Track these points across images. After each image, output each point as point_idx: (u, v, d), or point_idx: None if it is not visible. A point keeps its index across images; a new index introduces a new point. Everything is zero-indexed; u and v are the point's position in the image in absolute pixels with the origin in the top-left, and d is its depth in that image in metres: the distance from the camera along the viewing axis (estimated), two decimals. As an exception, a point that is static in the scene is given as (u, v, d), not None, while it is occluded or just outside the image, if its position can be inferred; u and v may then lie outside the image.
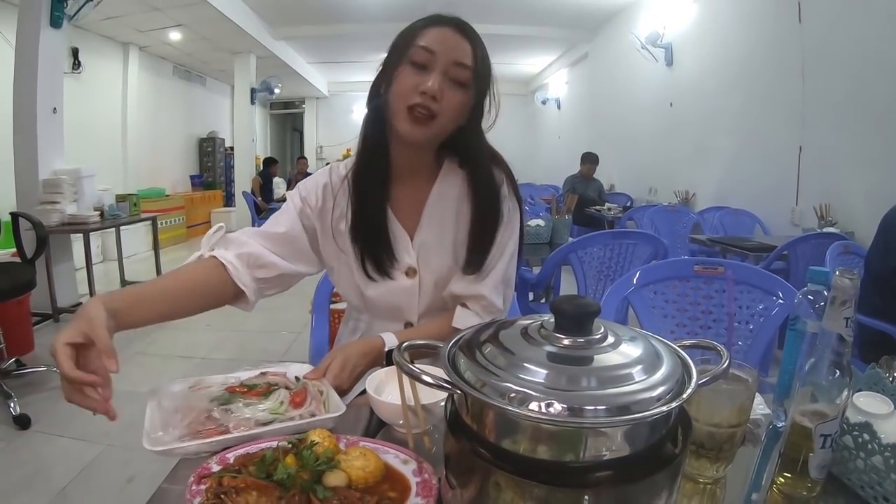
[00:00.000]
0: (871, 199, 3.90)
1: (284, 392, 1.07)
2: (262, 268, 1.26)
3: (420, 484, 0.81)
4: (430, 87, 1.16)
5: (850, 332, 0.80)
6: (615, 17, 8.83)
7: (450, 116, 1.21)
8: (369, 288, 1.34)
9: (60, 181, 4.91)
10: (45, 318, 4.79)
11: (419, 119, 1.19)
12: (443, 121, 1.20)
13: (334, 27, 9.47)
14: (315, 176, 1.41)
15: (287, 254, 1.31)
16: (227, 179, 12.49)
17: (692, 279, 1.83)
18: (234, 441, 0.92)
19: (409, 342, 0.75)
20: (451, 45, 1.18)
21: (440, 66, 1.17)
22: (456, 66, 1.18)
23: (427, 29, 1.20)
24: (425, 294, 1.35)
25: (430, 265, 1.35)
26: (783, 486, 0.86)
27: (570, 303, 0.69)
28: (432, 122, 1.19)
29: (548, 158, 13.20)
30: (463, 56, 1.18)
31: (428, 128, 1.20)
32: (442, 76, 1.17)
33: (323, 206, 1.36)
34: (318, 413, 1.03)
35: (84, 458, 2.63)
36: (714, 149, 6.30)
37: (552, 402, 0.58)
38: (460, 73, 1.18)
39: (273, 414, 1.01)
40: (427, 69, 1.18)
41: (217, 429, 0.97)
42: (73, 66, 7.61)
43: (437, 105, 1.17)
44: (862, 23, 4.12)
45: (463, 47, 1.19)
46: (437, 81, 1.16)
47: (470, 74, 1.19)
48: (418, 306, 1.37)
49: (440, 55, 1.17)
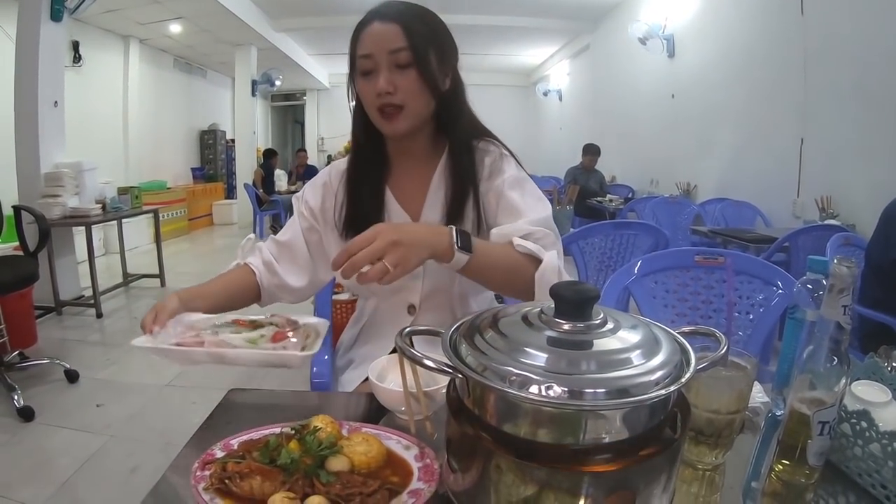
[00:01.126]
0: (872, 191, 3.89)
1: (271, 329, 1.10)
2: (274, 275, 1.38)
3: (422, 469, 0.81)
4: (381, 87, 1.21)
5: (848, 320, 0.80)
6: (617, 9, 8.81)
7: (415, 97, 1.24)
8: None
9: (62, 174, 4.90)
10: (48, 311, 4.81)
11: (390, 115, 1.24)
12: (410, 105, 1.24)
13: (335, 18, 9.43)
14: (316, 176, 1.49)
15: (287, 261, 1.40)
16: (229, 172, 12.50)
17: (693, 269, 1.83)
18: (190, 354, 1.04)
19: (412, 329, 0.76)
20: (381, 39, 1.21)
21: (382, 63, 1.21)
22: (392, 53, 1.20)
23: (360, 34, 1.24)
24: (430, 274, 1.35)
25: None
26: (781, 473, 0.86)
27: (570, 288, 0.69)
28: (402, 111, 1.24)
29: (549, 150, 13.17)
30: (394, 41, 1.20)
31: (401, 119, 1.25)
32: (387, 70, 1.21)
33: (323, 204, 1.42)
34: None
35: (88, 449, 2.64)
36: (715, 141, 6.29)
37: (552, 384, 0.58)
38: (400, 57, 1.21)
39: (248, 343, 1.05)
40: (374, 72, 1.22)
41: (192, 340, 1.06)
42: (74, 59, 7.60)
43: (397, 96, 1.22)
44: (865, 14, 4.10)
45: (391, 32, 1.21)
46: (384, 79, 1.21)
47: (409, 53, 1.21)
48: (422, 287, 1.37)
49: (377, 55, 1.21)
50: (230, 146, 12.46)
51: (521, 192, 1.31)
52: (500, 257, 1.12)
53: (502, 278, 1.14)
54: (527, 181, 1.35)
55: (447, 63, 1.29)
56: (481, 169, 1.35)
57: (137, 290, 5.85)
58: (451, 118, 1.35)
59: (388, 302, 1.43)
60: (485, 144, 1.39)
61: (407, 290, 1.39)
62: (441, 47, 1.27)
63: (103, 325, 4.72)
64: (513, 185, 1.32)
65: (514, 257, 1.13)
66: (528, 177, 1.36)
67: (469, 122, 1.38)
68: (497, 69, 13.39)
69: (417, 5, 1.27)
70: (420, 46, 1.22)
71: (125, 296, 5.67)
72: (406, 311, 1.41)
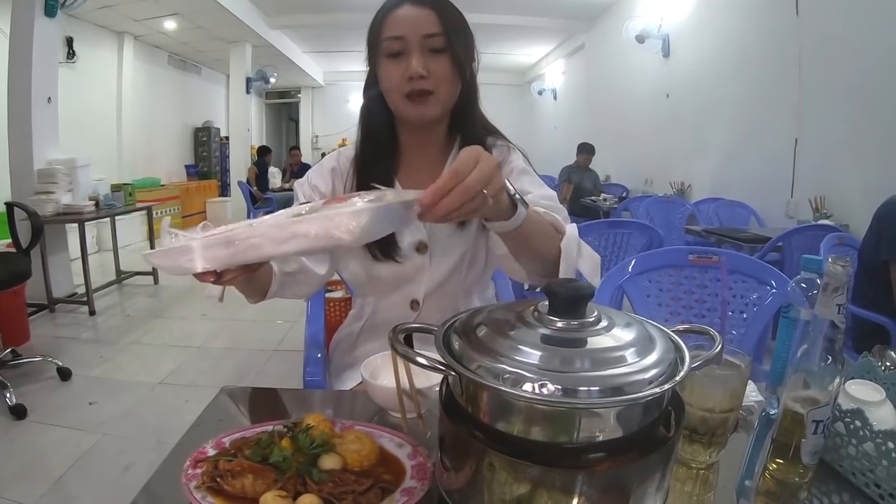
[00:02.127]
0: (866, 191, 3.90)
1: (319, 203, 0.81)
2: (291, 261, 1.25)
3: (415, 467, 0.81)
4: (414, 69, 1.18)
5: (843, 319, 0.80)
6: (612, 8, 8.80)
7: (446, 83, 1.23)
8: (378, 266, 1.35)
9: (55, 171, 4.88)
10: (41, 309, 4.79)
11: (419, 100, 1.22)
12: (442, 90, 1.23)
13: (330, 16, 9.43)
14: (323, 161, 1.43)
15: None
16: (223, 169, 12.44)
17: (687, 268, 1.83)
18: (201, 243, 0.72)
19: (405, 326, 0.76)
20: (415, 22, 1.19)
21: (415, 47, 1.19)
22: (427, 38, 1.19)
23: (388, 16, 1.22)
24: (435, 269, 1.35)
25: (441, 241, 1.35)
26: (775, 472, 0.86)
27: (564, 286, 0.69)
28: (433, 97, 1.22)
29: (544, 149, 13.14)
30: (430, 26, 1.19)
31: (431, 104, 1.23)
32: (419, 53, 1.19)
33: (333, 189, 1.38)
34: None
35: (80, 447, 2.63)
36: (710, 140, 6.30)
37: (545, 382, 0.58)
38: (435, 41, 1.20)
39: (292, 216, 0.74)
40: (404, 55, 1.20)
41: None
42: (68, 55, 7.55)
43: (429, 81, 1.20)
44: (859, 15, 4.11)
45: (426, 17, 1.20)
46: (418, 61, 1.18)
47: (444, 38, 1.20)
48: (427, 283, 1.36)
49: (409, 37, 1.19)
50: (224, 143, 12.39)
51: (529, 179, 1.31)
52: (539, 220, 1.03)
53: (542, 244, 1.04)
54: (533, 174, 1.34)
55: (470, 55, 1.29)
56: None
57: (131, 288, 5.83)
58: (466, 112, 1.34)
59: (389, 298, 1.42)
60: (493, 140, 1.39)
61: (411, 285, 1.38)
62: (468, 38, 1.27)
63: (96, 322, 4.71)
64: (520, 173, 1.32)
65: (546, 223, 1.06)
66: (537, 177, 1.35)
67: (481, 121, 1.38)
68: (492, 68, 13.35)
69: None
70: (454, 33, 1.21)
71: (118, 293, 5.64)
72: (409, 308, 1.40)
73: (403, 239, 1.33)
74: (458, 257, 1.36)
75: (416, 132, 1.32)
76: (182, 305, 5.25)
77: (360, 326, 1.49)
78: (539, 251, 1.03)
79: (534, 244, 1.01)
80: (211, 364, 3.80)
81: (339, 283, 1.97)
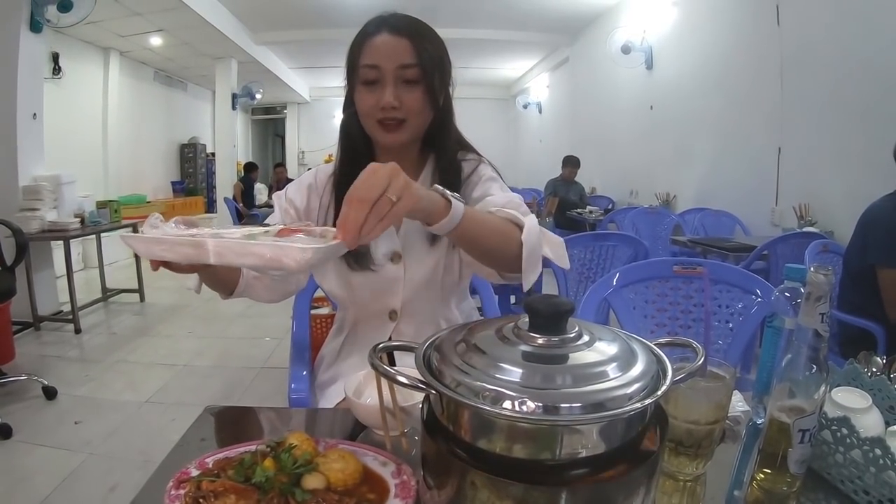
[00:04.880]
0: (849, 198, 3.92)
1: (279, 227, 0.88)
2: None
3: (399, 486, 0.80)
4: (386, 101, 1.21)
5: (826, 328, 0.80)
6: (595, 22, 8.88)
7: (417, 113, 1.26)
8: (355, 276, 1.36)
9: (40, 188, 4.86)
10: (26, 327, 4.74)
11: (391, 127, 1.25)
12: (412, 120, 1.26)
13: (316, 32, 9.45)
14: (301, 178, 1.46)
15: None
16: (209, 185, 12.42)
17: (671, 279, 1.84)
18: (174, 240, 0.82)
19: (386, 344, 0.76)
20: (391, 52, 1.21)
21: (389, 77, 1.22)
22: (402, 69, 1.21)
23: (366, 43, 1.24)
24: (410, 279, 1.36)
25: (415, 251, 1.36)
26: (763, 482, 0.86)
27: (544, 302, 0.69)
28: (404, 126, 1.26)
29: (529, 162, 13.25)
30: (405, 57, 1.21)
31: (402, 132, 1.26)
32: (393, 84, 1.22)
33: (308, 205, 1.40)
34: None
35: (66, 467, 2.60)
36: (694, 151, 6.35)
37: (526, 400, 0.58)
38: (409, 73, 1.22)
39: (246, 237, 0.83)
40: (378, 83, 1.23)
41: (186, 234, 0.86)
42: (54, 71, 7.52)
43: (401, 111, 1.23)
44: (839, 24, 4.17)
45: (402, 48, 1.21)
46: (390, 93, 1.21)
47: (418, 70, 1.22)
48: (402, 292, 1.37)
49: (384, 67, 1.21)
50: (210, 159, 12.39)
51: (496, 185, 1.33)
52: (487, 217, 1.04)
53: (496, 240, 1.04)
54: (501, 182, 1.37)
55: (446, 82, 1.31)
56: (462, 177, 1.37)
57: (117, 306, 5.79)
58: (440, 132, 1.36)
59: (368, 310, 1.43)
60: (463, 154, 1.41)
61: (387, 295, 1.38)
62: (444, 67, 1.29)
63: (82, 340, 4.66)
64: (488, 180, 1.35)
65: (500, 219, 1.07)
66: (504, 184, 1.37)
67: (455, 137, 1.40)
68: (477, 82, 13.43)
69: (423, 22, 1.29)
70: (429, 66, 1.23)
71: (104, 311, 5.60)
72: (388, 318, 1.41)
73: (378, 249, 1.34)
74: (432, 265, 1.37)
75: (391, 151, 1.33)
76: (168, 323, 5.21)
77: (342, 341, 1.50)
78: (498, 248, 1.04)
79: (489, 243, 1.02)
80: (197, 382, 3.77)
81: (325, 299, 1.97)
